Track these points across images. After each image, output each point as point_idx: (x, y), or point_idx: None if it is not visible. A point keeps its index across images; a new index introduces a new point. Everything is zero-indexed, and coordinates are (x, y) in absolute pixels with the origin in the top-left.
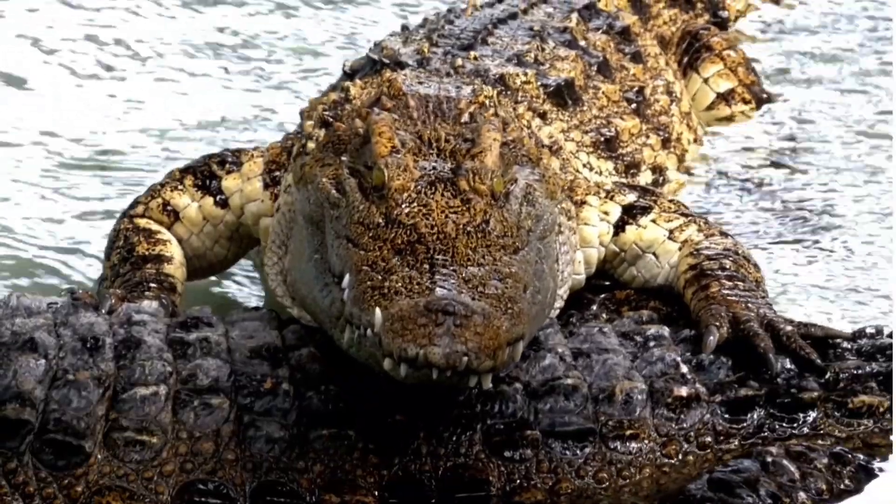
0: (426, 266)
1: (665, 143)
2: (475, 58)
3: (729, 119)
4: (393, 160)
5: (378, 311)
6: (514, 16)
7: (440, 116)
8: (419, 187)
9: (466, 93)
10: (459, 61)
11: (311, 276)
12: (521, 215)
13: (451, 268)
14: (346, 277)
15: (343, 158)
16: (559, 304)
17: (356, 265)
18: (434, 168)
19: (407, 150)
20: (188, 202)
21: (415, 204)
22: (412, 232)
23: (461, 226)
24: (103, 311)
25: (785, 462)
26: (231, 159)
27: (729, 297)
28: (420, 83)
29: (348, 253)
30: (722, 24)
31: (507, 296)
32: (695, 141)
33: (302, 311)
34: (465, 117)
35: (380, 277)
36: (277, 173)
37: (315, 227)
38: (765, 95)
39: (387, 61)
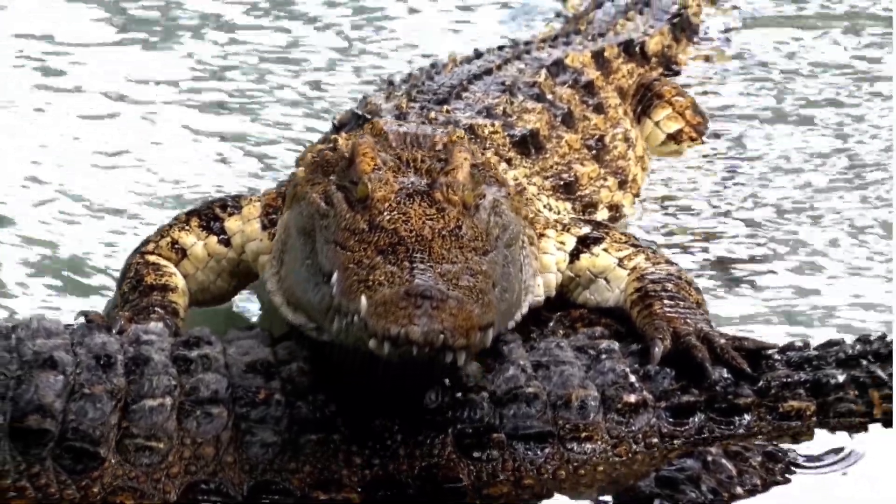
0: (406, 263)
1: (622, 184)
2: (448, 111)
3: (678, 152)
4: (375, 175)
5: (364, 298)
6: (488, 71)
7: (417, 146)
8: (399, 198)
9: (440, 131)
10: (433, 114)
11: (304, 278)
12: (490, 224)
13: (428, 264)
14: (335, 275)
15: (331, 178)
16: (524, 308)
17: (343, 264)
18: (412, 183)
19: (388, 168)
20: (194, 241)
21: (395, 212)
22: (393, 235)
23: (436, 230)
24: (115, 331)
25: (723, 460)
26: (231, 203)
27: (669, 314)
28: (399, 125)
29: (336, 254)
30: (674, 77)
31: (478, 288)
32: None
33: (297, 315)
34: (439, 146)
35: (364, 273)
36: (274, 216)
37: (306, 236)
38: (709, 132)
39: (369, 116)
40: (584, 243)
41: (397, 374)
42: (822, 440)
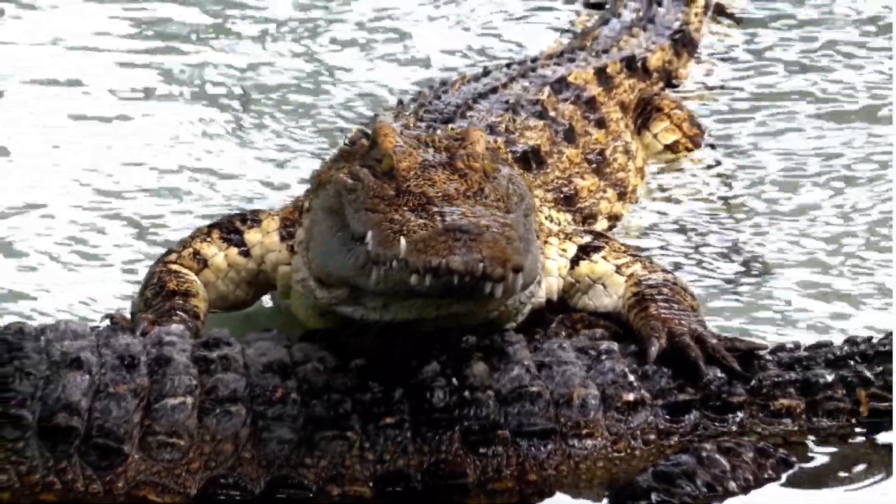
0: (437, 217)
1: (621, 195)
2: (451, 129)
3: (674, 160)
4: (399, 149)
5: (403, 240)
6: (494, 90)
7: (431, 136)
8: (423, 168)
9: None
10: (438, 133)
11: (335, 249)
12: (509, 190)
13: (458, 215)
14: (369, 234)
15: (354, 162)
16: (535, 287)
17: (377, 223)
18: (433, 157)
19: (409, 145)
20: (216, 252)
21: (421, 179)
22: (421, 197)
23: (461, 191)
24: (138, 333)
25: (717, 456)
26: (251, 217)
27: (664, 316)
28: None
29: (368, 218)
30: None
31: (506, 234)
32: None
33: (331, 290)
34: (453, 135)
35: (398, 226)
36: (291, 229)
37: (335, 214)
38: (707, 144)
39: None
40: (585, 251)
41: (413, 352)
42: (812, 438)
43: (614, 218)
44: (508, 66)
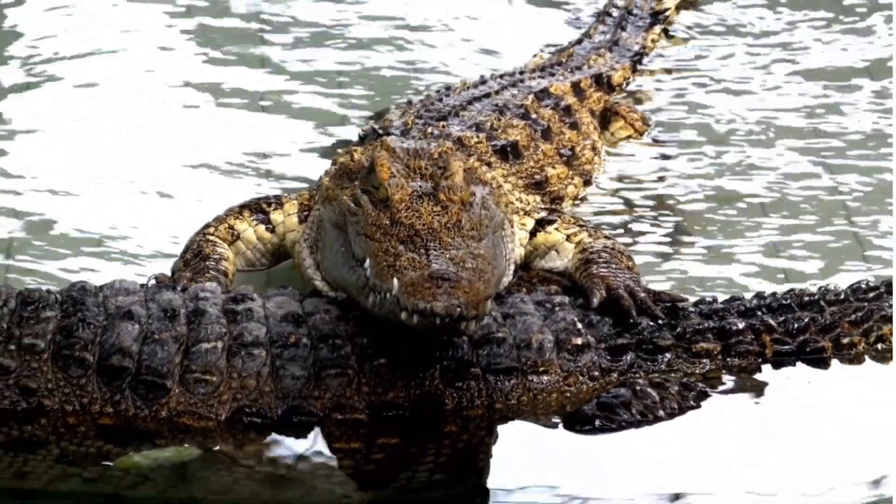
0: (423, 251)
1: (586, 183)
2: (443, 126)
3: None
4: (393, 181)
5: (395, 280)
6: (487, 95)
7: (418, 157)
8: (412, 199)
9: (433, 144)
10: (430, 129)
11: (340, 262)
12: (481, 216)
13: (440, 251)
14: (367, 260)
15: (355, 183)
16: (507, 279)
17: (374, 252)
18: (421, 186)
19: (401, 175)
20: (246, 227)
21: (410, 210)
22: (410, 229)
23: (443, 224)
24: (178, 289)
25: (649, 389)
26: (274, 201)
27: (602, 274)
28: (402, 143)
29: (367, 244)
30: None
31: (479, 268)
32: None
33: (336, 291)
34: (436, 156)
35: (392, 259)
36: (307, 213)
37: (339, 230)
38: (656, 139)
39: (381, 132)
40: (541, 224)
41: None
42: (726, 374)
43: (576, 199)
44: (501, 76)
